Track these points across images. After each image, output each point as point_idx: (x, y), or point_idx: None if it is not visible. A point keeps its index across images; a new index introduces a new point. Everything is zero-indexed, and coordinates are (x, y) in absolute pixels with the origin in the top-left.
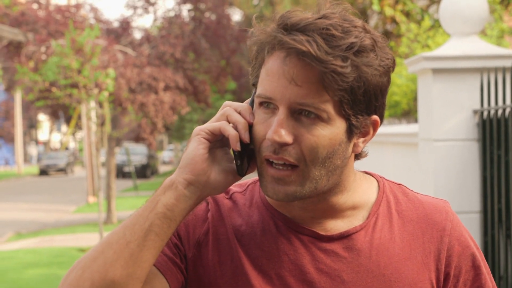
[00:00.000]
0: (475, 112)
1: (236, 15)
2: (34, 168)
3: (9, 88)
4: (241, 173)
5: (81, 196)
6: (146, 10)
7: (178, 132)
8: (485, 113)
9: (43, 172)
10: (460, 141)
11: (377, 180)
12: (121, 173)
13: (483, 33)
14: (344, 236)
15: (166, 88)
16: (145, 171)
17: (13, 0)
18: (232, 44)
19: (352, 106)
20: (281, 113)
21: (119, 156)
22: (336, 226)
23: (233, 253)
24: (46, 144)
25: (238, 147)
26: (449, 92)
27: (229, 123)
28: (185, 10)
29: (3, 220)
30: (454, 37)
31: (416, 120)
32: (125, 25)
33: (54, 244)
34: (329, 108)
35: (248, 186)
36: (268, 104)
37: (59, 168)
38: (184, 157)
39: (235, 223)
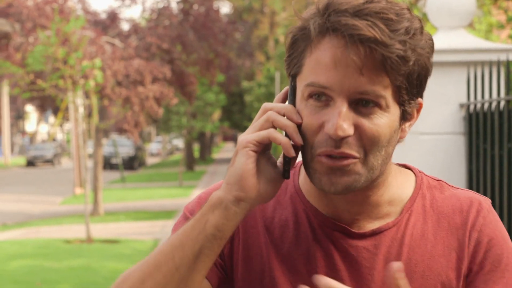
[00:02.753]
0: (461, 105)
1: (225, 8)
2: (21, 159)
3: None
4: (287, 176)
5: (68, 188)
6: (134, 1)
7: (165, 124)
8: (472, 107)
9: (30, 163)
10: (447, 134)
11: (415, 175)
12: (109, 165)
13: (471, 27)
14: (376, 233)
15: (154, 80)
16: (132, 163)
17: None
18: (221, 37)
19: (408, 92)
20: (341, 104)
21: (106, 148)
22: (369, 224)
23: (262, 247)
24: (31, 135)
25: (293, 153)
26: (436, 85)
27: (276, 128)
28: (174, 2)
29: None
30: (441, 30)
31: None
32: (113, 16)
33: (40, 236)
34: (388, 94)
35: None
36: (319, 95)
37: (46, 160)
38: (232, 173)
39: (267, 214)
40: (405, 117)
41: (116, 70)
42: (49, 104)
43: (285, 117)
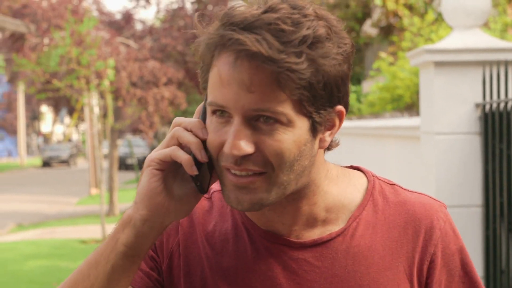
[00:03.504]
0: (477, 105)
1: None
2: (37, 160)
3: (12, 80)
4: (202, 191)
5: (83, 188)
6: (148, 2)
7: None
8: (487, 107)
9: (46, 164)
10: (462, 134)
11: (367, 179)
12: (124, 165)
13: (486, 27)
14: (317, 244)
15: (168, 82)
16: None
17: None
18: None
19: (313, 103)
20: (237, 123)
21: (121, 148)
22: (309, 232)
23: (203, 262)
24: (46, 136)
25: (194, 171)
26: (451, 85)
27: (181, 144)
28: (188, 3)
29: (5, 212)
30: (457, 30)
31: (418, 114)
32: (128, 17)
33: (56, 236)
34: (288, 109)
35: None
36: (221, 112)
37: (61, 160)
38: (138, 192)
39: (208, 228)
40: (316, 128)
41: (131, 71)
42: (64, 104)
43: (192, 132)
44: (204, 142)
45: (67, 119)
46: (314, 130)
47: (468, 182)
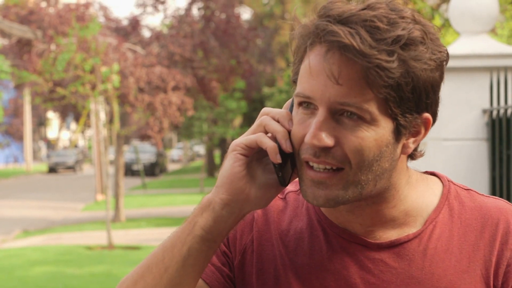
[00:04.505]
0: (484, 111)
1: (246, 14)
2: (43, 166)
3: (19, 86)
4: (283, 183)
5: (89, 194)
6: (156, 9)
7: (186, 130)
8: (494, 113)
9: (52, 169)
10: (469, 140)
11: (443, 184)
12: (130, 171)
13: (493, 32)
14: (394, 245)
15: (175, 88)
16: (153, 169)
17: None
18: (242, 43)
19: (399, 105)
20: (321, 114)
21: (127, 154)
22: (386, 234)
23: (277, 260)
24: (50, 142)
25: (278, 159)
26: (458, 91)
27: (267, 133)
28: (195, 9)
29: (11, 218)
30: (464, 35)
31: None
32: (135, 23)
33: (62, 242)
34: (373, 107)
35: None
36: (308, 104)
37: (68, 166)
38: (220, 175)
39: (283, 227)
40: (400, 131)
41: (139, 77)
42: (70, 110)
43: (279, 122)
44: (289, 134)
45: (73, 125)
46: (398, 133)
47: (475, 188)
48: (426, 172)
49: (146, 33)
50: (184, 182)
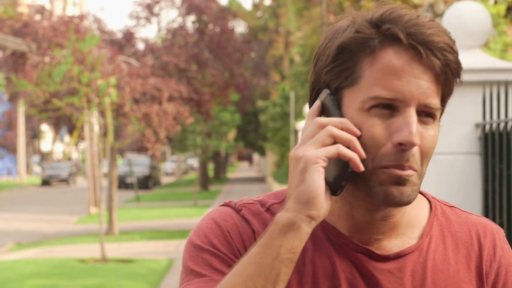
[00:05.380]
0: (477, 125)
1: (240, 27)
2: (37, 179)
3: (13, 98)
4: (338, 192)
5: (83, 207)
6: (149, 21)
7: (180, 143)
8: (488, 127)
9: (45, 182)
10: (462, 154)
11: (428, 200)
12: (124, 184)
13: (486, 47)
14: (399, 256)
15: (170, 98)
16: (147, 182)
17: (16, 10)
18: (236, 56)
19: (445, 102)
20: (412, 114)
21: (121, 167)
22: (391, 244)
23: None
24: (44, 154)
25: (363, 168)
26: (451, 105)
27: (338, 143)
28: (189, 22)
29: (4, 230)
30: None
31: None
32: (129, 36)
33: (55, 255)
34: (439, 105)
35: (284, 195)
36: (385, 105)
37: (61, 179)
38: (304, 190)
39: None
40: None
41: (134, 87)
42: (64, 123)
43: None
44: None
45: (67, 138)
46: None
47: (468, 202)
48: None
49: (141, 46)
50: (178, 195)
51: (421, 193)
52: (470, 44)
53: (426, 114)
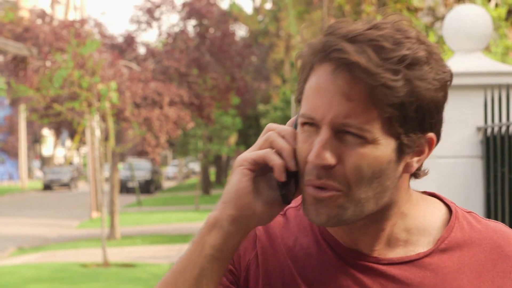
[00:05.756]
0: (478, 129)
1: (240, 31)
2: (38, 183)
3: (14, 103)
4: (286, 201)
5: (84, 211)
6: (149, 25)
7: (182, 148)
8: (489, 130)
9: (47, 187)
10: (464, 158)
11: (446, 204)
12: (125, 189)
13: (487, 50)
14: (405, 262)
15: (171, 103)
16: (149, 187)
17: (17, 15)
18: (237, 60)
19: (403, 124)
20: (324, 133)
21: (123, 172)
22: (391, 252)
23: (285, 273)
24: (44, 159)
25: (283, 177)
26: (453, 108)
27: (273, 149)
28: (190, 26)
29: (6, 235)
30: (458, 53)
31: None
32: (130, 40)
33: (57, 260)
34: (375, 127)
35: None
36: (311, 124)
37: (62, 183)
38: (227, 191)
39: (289, 243)
40: (403, 150)
41: (134, 92)
42: (65, 127)
43: (285, 139)
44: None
45: (68, 142)
46: (400, 151)
47: (469, 206)
48: (425, 192)
49: (141, 50)
50: (179, 200)
51: (434, 195)
52: (471, 48)
53: (352, 134)
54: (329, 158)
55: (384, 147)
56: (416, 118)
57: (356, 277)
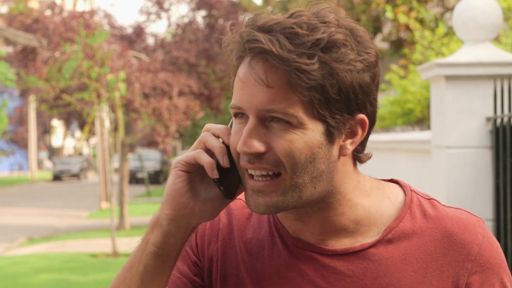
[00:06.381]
0: (488, 119)
1: None
2: (48, 174)
3: (24, 94)
4: (227, 196)
5: (94, 202)
6: (159, 16)
7: (191, 138)
8: (498, 121)
9: (57, 177)
10: (473, 148)
11: (405, 193)
12: (134, 179)
13: (497, 41)
14: (348, 253)
15: (180, 93)
16: (158, 177)
17: (27, 6)
18: None
19: (326, 106)
20: (250, 122)
21: (132, 162)
22: (338, 243)
23: (240, 267)
24: (53, 150)
25: (215, 175)
26: (462, 99)
27: (207, 149)
28: (199, 17)
29: (16, 225)
30: (468, 43)
31: (429, 127)
32: (139, 31)
33: (66, 250)
34: (299, 111)
35: None
36: (242, 114)
37: (72, 174)
38: (165, 192)
39: (247, 236)
40: (331, 132)
41: (143, 83)
42: (75, 118)
43: (219, 138)
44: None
45: (78, 133)
46: (329, 134)
47: (479, 196)
48: (391, 180)
49: (151, 41)
50: None
51: (398, 183)
52: (481, 38)
53: (278, 119)
54: (257, 146)
55: (312, 132)
56: (340, 100)
57: (301, 268)
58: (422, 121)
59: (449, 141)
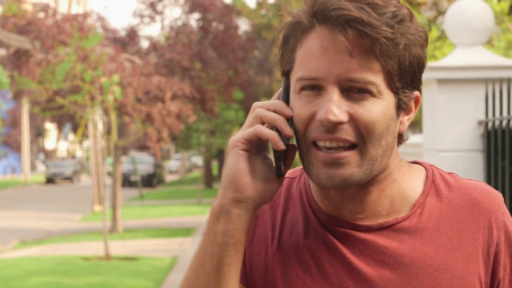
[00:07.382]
0: (479, 122)
1: (244, 25)
2: (41, 176)
3: (17, 96)
4: (280, 174)
5: (87, 205)
6: (152, 19)
7: (185, 142)
8: (490, 124)
9: (50, 180)
10: (465, 151)
11: (425, 169)
12: (127, 182)
13: (490, 44)
14: (384, 227)
15: (173, 97)
16: (151, 180)
17: (20, 8)
18: (240, 54)
19: (400, 79)
20: (332, 91)
21: (125, 165)
22: (373, 220)
23: (268, 243)
24: (47, 152)
25: (282, 146)
26: (454, 102)
27: (264, 124)
28: (193, 19)
29: (9, 228)
30: (460, 47)
31: (421, 131)
32: (132, 34)
33: (59, 253)
34: (379, 80)
35: (300, 172)
36: (312, 87)
37: (65, 177)
38: (225, 175)
39: (278, 212)
40: (401, 106)
41: (136, 87)
42: (68, 120)
43: (275, 112)
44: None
45: (71, 136)
46: (398, 108)
47: None
48: (409, 162)
49: (144, 44)
50: (182, 193)
51: (418, 163)
52: (473, 41)
53: (358, 90)
54: (341, 115)
55: (387, 103)
56: (409, 73)
57: (337, 243)
58: (414, 124)
59: (441, 145)
